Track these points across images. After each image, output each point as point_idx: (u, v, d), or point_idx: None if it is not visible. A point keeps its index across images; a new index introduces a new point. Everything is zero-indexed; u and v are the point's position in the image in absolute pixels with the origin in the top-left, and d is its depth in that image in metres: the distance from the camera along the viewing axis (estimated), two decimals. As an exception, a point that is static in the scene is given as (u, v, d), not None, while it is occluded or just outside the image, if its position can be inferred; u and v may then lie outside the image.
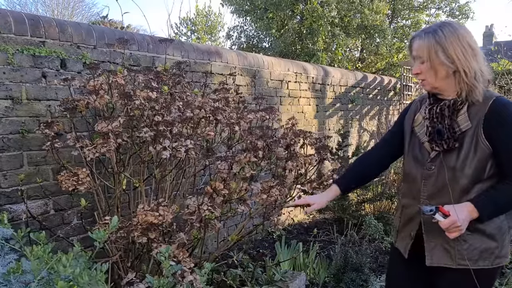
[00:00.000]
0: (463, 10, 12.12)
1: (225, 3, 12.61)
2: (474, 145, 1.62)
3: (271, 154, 2.49)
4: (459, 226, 1.56)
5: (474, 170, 1.62)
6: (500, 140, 1.59)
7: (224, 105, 2.75)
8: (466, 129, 1.64)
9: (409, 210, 1.82)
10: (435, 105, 1.71)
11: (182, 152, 2.16)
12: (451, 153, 1.66)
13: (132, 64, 3.01)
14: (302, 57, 9.97)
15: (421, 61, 1.67)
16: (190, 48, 3.59)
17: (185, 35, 17.49)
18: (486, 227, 1.64)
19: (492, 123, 1.60)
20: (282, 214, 4.74)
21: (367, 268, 3.21)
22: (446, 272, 1.72)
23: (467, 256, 1.66)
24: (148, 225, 1.99)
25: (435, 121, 1.70)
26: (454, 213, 1.57)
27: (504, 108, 1.61)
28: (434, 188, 1.71)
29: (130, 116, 2.38)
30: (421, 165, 1.75)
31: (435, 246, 1.72)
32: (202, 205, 2.06)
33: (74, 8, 20.86)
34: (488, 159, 1.62)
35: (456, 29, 1.63)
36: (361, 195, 5.13)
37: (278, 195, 2.17)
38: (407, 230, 1.84)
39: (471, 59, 1.61)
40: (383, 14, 10.64)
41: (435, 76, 1.66)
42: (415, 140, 1.80)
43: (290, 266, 3.49)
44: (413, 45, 1.70)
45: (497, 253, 1.67)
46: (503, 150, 1.59)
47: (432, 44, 1.62)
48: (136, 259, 2.47)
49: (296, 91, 5.08)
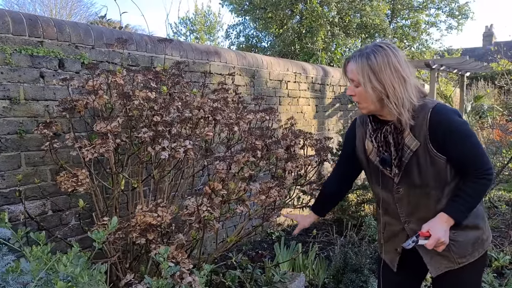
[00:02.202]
0: (462, 10, 12.15)
1: (224, 2, 12.60)
2: (429, 160, 1.66)
3: (270, 154, 2.48)
4: (443, 241, 1.62)
5: (437, 181, 1.68)
6: (450, 148, 1.63)
7: (223, 105, 2.74)
8: (416, 148, 1.67)
9: (392, 228, 1.86)
10: (379, 132, 1.74)
11: (181, 153, 2.15)
12: (411, 173, 1.70)
13: (130, 64, 3.00)
14: (301, 57, 9.97)
15: (355, 84, 1.68)
16: (189, 48, 3.58)
17: (184, 35, 17.49)
18: (469, 220, 1.70)
19: (437, 134, 1.63)
20: (281, 215, 4.73)
21: (366, 269, 3.20)
22: (447, 274, 1.75)
23: (463, 252, 1.72)
24: (147, 226, 1.98)
25: (381, 150, 1.74)
26: (434, 231, 1.62)
27: (443, 117, 1.64)
28: (409, 207, 1.76)
29: (129, 116, 2.37)
30: (389, 190, 1.79)
31: (432, 257, 1.75)
32: (201, 205, 2.05)
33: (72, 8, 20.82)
34: (445, 166, 1.67)
35: (389, 55, 1.62)
36: (361, 196, 5.12)
37: (277, 196, 2.16)
38: (392, 245, 1.88)
39: (400, 87, 1.62)
40: (383, 14, 10.64)
41: (369, 99, 1.67)
42: (374, 167, 1.83)
43: (289, 267, 3.48)
44: (347, 67, 1.71)
45: (484, 237, 1.77)
46: (457, 156, 1.64)
47: (365, 69, 1.63)
48: (134, 260, 2.46)
49: (295, 91, 5.07)
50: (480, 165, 1.64)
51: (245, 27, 13.04)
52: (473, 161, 1.64)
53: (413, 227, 1.75)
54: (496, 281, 3.30)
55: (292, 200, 2.78)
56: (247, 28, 13.03)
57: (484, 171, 1.65)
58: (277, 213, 2.47)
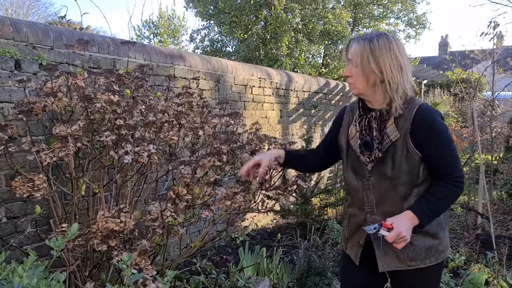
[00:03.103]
0: (420, 20, 12.60)
1: (189, 6, 12.52)
2: (405, 154, 1.69)
3: (235, 159, 2.48)
4: (404, 237, 1.63)
5: (409, 177, 1.71)
6: (428, 146, 1.67)
7: (187, 109, 2.72)
8: (395, 139, 1.70)
9: (356, 219, 1.87)
10: (364, 117, 1.78)
11: (144, 157, 2.11)
12: (385, 163, 1.73)
13: (92, 66, 2.92)
14: (265, 62, 10.04)
15: (353, 65, 1.73)
16: (153, 51, 3.53)
17: (147, 38, 17.23)
18: (429, 227, 1.72)
19: (418, 130, 1.68)
20: (246, 219, 4.73)
21: (330, 272, 3.24)
22: (398, 274, 1.80)
23: (415, 256, 1.75)
24: (109, 232, 1.92)
25: (364, 134, 1.77)
26: (397, 225, 1.63)
27: (428, 115, 1.69)
28: (376, 198, 1.77)
29: (90, 120, 2.30)
30: (361, 177, 1.81)
31: (385, 253, 1.78)
32: (165, 211, 2.02)
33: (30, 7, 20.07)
34: (419, 165, 1.70)
35: (391, 42, 1.69)
36: (324, 200, 5.20)
37: (242, 202, 2.15)
38: (356, 238, 1.89)
39: (397, 73, 1.68)
40: (345, 21, 10.89)
41: (364, 82, 1.72)
42: (352, 153, 1.85)
43: (253, 272, 3.48)
44: (349, 48, 1.75)
45: (440, 248, 1.78)
46: (433, 155, 1.69)
47: (366, 51, 1.68)
48: (94, 267, 2.39)
49: (260, 96, 5.09)
50: (453, 170, 1.70)
51: (210, 31, 13.00)
52: (447, 165, 1.69)
53: (376, 219, 1.76)
54: (452, 281, 3.42)
55: (257, 204, 2.78)
56: (212, 33, 12.99)
57: (457, 177, 1.70)
58: (241, 217, 2.47)
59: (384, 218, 1.71)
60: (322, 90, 6.64)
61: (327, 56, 11.53)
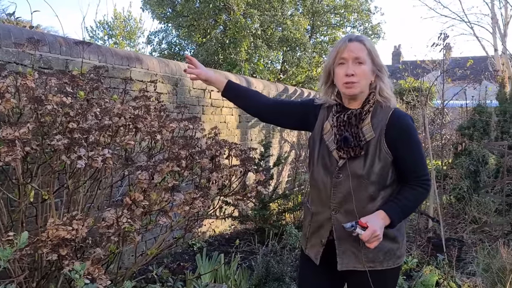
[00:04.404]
0: (375, 30, 13.04)
1: (146, 8, 12.31)
2: (378, 154, 1.72)
3: (193, 164, 2.43)
4: (378, 235, 1.65)
5: (379, 177, 1.73)
6: (401, 148, 1.73)
7: (144, 113, 2.64)
8: (370, 139, 1.74)
9: (319, 217, 1.86)
10: (342, 113, 1.79)
11: (99, 162, 2.03)
12: (357, 161, 1.74)
13: (42, 66, 2.79)
14: (224, 67, 10.03)
15: (358, 62, 1.72)
16: (109, 52, 3.42)
17: (101, 39, 16.77)
18: (389, 230, 1.75)
19: (393, 133, 1.73)
20: (204, 225, 4.67)
21: (288, 277, 3.25)
22: (356, 274, 1.81)
23: (373, 258, 1.77)
24: (60, 241, 1.83)
25: (342, 129, 1.77)
26: (372, 224, 1.65)
27: (402, 118, 1.75)
28: (343, 196, 1.77)
29: (40, 122, 2.19)
30: (330, 173, 1.80)
31: (345, 251, 1.80)
32: (121, 217, 1.94)
33: (-25, 3, 19.05)
34: (390, 167, 1.75)
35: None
36: (282, 205, 5.22)
37: (201, 207, 2.11)
38: (318, 237, 1.88)
39: (385, 73, 1.79)
40: (303, 29, 11.07)
41: (368, 79, 1.75)
42: (324, 148, 1.85)
43: (211, 279, 3.43)
44: (350, 46, 1.73)
45: (398, 253, 1.82)
46: (405, 158, 1.74)
47: (372, 49, 1.75)
48: (43, 278, 2.26)
49: (219, 100, 5.06)
50: (422, 173, 1.76)
51: (167, 34, 12.82)
52: (417, 167, 1.75)
53: (340, 218, 1.77)
54: (406, 283, 3.52)
55: (215, 210, 2.75)
56: (170, 35, 12.82)
57: (425, 180, 1.76)
58: (200, 223, 2.42)
59: (347, 216, 1.73)
60: (281, 96, 6.70)
61: (286, 62, 11.68)
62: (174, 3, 11.59)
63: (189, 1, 10.70)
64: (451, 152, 6.37)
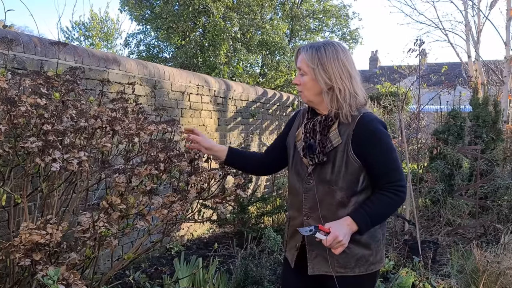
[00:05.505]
0: (353, 35, 13.21)
1: (124, 9, 12.17)
2: (345, 160, 1.72)
3: (172, 167, 2.41)
4: (341, 241, 1.64)
5: (347, 183, 1.73)
6: (370, 154, 1.71)
7: (122, 115, 2.60)
8: (337, 145, 1.74)
9: (295, 222, 1.88)
10: (310, 121, 1.82)
11: (74, 165, 1.98)
12: (325, 167, 1.75)
13: (16, 67, 2.72)
14: (203, 70, 9.99)
15: (301, 73, 1.77)
16: (85, 53, 3.36)
17: (77, 40, 16.50)
18: (361, 236, 1.75)
19: (360, 138, 1.71)
20: (182, 229, 4.62)
21: (266, 281, 3.24)
22: (327, 279, 1.81)
23: (344, 264, 1.77)
24: (33, 245, 1.78)
25: (308, 136, 1.79)
26: (334, 229, 1.64)
27: (370, 123, 1.73)
28: (314, 201, 1.78)
29: (13, 124, 2.13)
30: (302, 179, 1.83)
31: (316, 256, 1.81)
32: (98, 221, 1.90)
33: None
34: (359, 173, 1.73)
35: (338, 51, 1.74)
36: (261, 208, 5.22)
37: (180, 210, 2.09)
38: (294, 241, 1.91)
39: (347, 81, 1.73)
40: (282, 33, 11.13)
41: (312, 89, 1.76)
42: (297, 155, 1.87)
43: (189, 283, 3.39)
44: (298, 56, 1.79)
45: (372, 260, 1.80)
46: (374, 164, 1.72)
47: (314, 60, 1.72)
48: (15, 284, 2.20)
49: (197, 103, 5.03)
50: (395, 178, 1.72)
51: (146, 36, 12.68)
52: (388, 173, 1.72)
53: (311, 223, 1.77)
54: (382, 285, 3.56)
55: (193, 214, 2.72)
56: (148, 37, 12.68)
57: (399, 186, 1.72)
58: (178, 227, 2.40)
59: (319, 222, 1.73)
60: (260, 99, 6.71)
61: (265, 66, 11.70)
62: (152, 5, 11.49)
63: (168, 4, 10.63)
64: (426, 156, 6.49)
